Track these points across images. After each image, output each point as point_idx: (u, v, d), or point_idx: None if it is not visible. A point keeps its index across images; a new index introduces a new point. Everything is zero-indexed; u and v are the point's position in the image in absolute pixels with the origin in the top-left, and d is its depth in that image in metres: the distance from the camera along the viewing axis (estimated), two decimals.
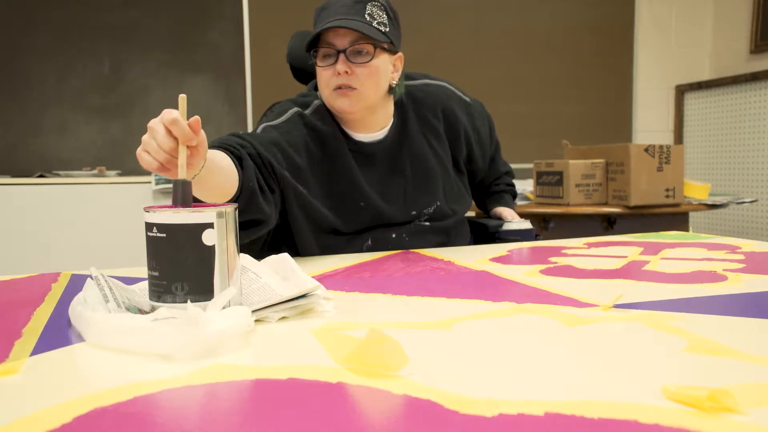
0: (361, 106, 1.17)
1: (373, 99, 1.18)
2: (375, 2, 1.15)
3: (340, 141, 1.21)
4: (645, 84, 3.82)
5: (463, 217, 1.39)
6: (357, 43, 1.12)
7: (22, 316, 0.71)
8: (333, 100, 1.17)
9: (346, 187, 1.21)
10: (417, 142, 1.28)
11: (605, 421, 0.40)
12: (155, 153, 0.73)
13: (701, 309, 0.70)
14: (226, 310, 0.61)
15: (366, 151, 1.23)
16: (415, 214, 1.28)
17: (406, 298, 0.78)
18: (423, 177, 1.28)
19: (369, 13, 1.13)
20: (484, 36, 3.53)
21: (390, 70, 1.20)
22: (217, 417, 0.41)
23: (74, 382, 0.49)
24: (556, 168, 2.37)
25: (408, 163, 1.27)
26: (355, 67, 1.13)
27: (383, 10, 1.16)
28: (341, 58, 1.13)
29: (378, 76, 1.16)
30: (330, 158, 1.20)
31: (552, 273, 0.94)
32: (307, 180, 1.17)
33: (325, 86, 1.17)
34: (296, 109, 1.21)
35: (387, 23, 1.16)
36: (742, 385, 0.46)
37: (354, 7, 1.13)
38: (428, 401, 0.43)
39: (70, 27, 3.01)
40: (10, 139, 2.96)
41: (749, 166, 3.52)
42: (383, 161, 1.25)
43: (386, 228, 1.26)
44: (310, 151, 1.18)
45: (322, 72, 1.16)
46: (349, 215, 1.22)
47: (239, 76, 3.24)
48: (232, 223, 0.67)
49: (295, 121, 1.19)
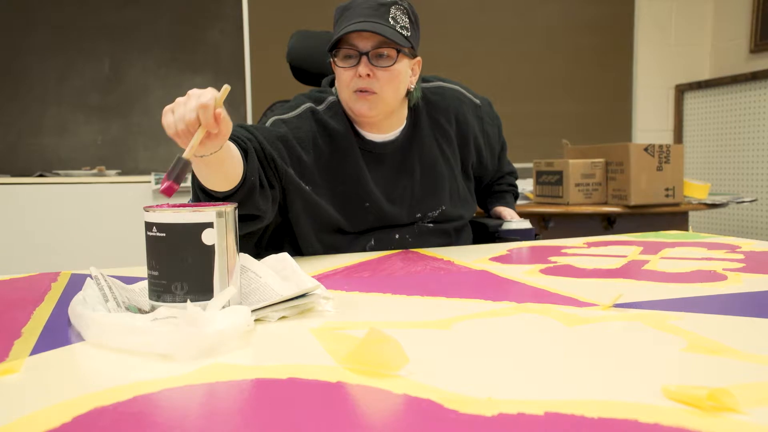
0: (379, 110, 1.16)
1: (391, 104, 1.18)
2: (399, 5, 1.14)
3: (351, 140, 1.20)
4: (645, 83, 3.82)
5: (467, 221, 1.39)
6: (380, 47, 1.12)
7: (21, 316, 0.71)
8: (352, 103, 1.16)
9: (352, 186, 1.20)
10: (428, 145, 1.27)
11: (605, 420, 0.40)
12: (177, 120, 0.77)
13: (701, 308, 0.70)
14: (225, 309, 0.61)
15: (377, 151, 1.23)
16: (419, 216, 1.28)
17: (406, 297, 0.78)
18: (431, 179, 1.28)
19: (393, 16, 1.13)
20: (483, 36, 3.53)
21: (409, 74, 1.20)
22: (217, 417, 0.41)
23: (74, 381, 0.49)
24: (556, 167, 2.37)
25: (417, 164, 1.26)
26: (377, 71, 1.13)
27: (406, 14, 1.15)
28: (363, 61, 1.12)
29: (398, 80, 1.16)
30: (338, 156, 1.20)
31: (552, 272, 0.94)
32: (312, 177, 1.16)
33: (345, 87, 1.16)
34: (309, 105, 1.21)
35: (409, 27, 1.15)
36: (742, 384, 0.46)
37: (378, 10, 1.12)
38: (428, 401, 0.43)
39: (70, 27, 3.01)
40: (10, 139, 2.96)
41: (749, 166, 3.52)
42: (393, 162, 1.25)
43: (390, 228, 1.26)
44: (318, 148, 1.18)
45: (343, 73, 1.15)
46: (353, 215, 1.22)
47: (239, 75, 3.24)
48: (231, 223, 0.67)
49: (306, 116, 1.19)
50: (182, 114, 0.76)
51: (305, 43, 1.51)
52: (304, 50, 1.50)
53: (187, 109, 0.76)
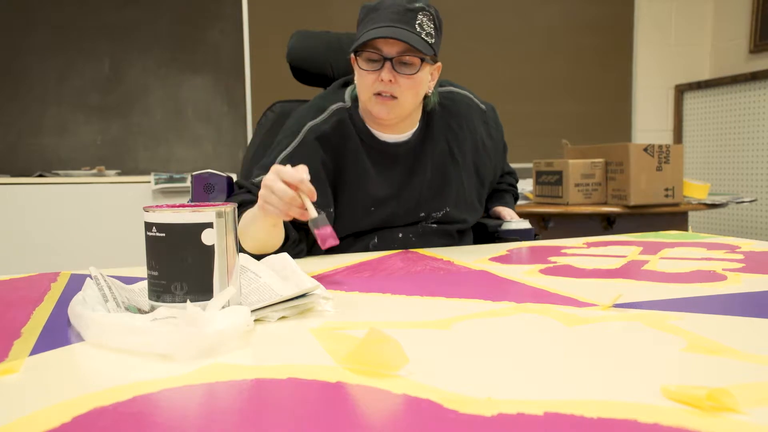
0: (397, 114, 1.18)
1: (409, 109, 1.20)
2: (426, 12, 1.14)
3: (356, 144, 1.22)
4: (644, 83, 3.82)
5: (470, 225, 1.39)
6: (405, 54, 1.12)
7: (21, 316, 0.71)
8: (371, 106, 1.18)
9: (357, 193, 1.22)
10: (439, 147, 1.29)
11: (605, 420, 0.40)
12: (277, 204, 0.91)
13: (701, 309, 0.70)
14: (225, 309, 0.61)
15: (389, 152, 1.24)
16: (423, 215, 1.29)
17: (405, 297, 0.78)
18: (438, 181, 1.29)
19: (419, 23, 1.13)
20: (483, 36, 3.53)
21: (428, 80, 1.21)
22: (217, 417, 0.41)
23: (73, 381, 0.49)
24: (556, 168, 2.37)
25: (428, 166, 1.28)
26: (400, 77, 1.13)
27: (432, 20, 1.15)
28: (387, 66, 1.12)
29: (419, 87, 1.17)
30: (344, 167, 1.21)
31: (551, 272, 0.94)
32: (321, 198, 1.18)
33: (366, 90, 1.17)
34: (309, 125, 1.21)
35: (433, 34, 1.15)
36: (742, 384, 0.46)
37: (406, 15, 1.12)
38: (428, 401, 0.43)
39: (70, 27, 3.01)
40: (10, 139, 2.96)
41: (748, 166, 3.53)
42: (405, 162, 1.26)
43: (394, 228, 1.27)
44: (326, 165, 1.20)
45: (365, 75, 1.16)
46: (358, 220, 1.23)
47: (239, 75, 3.24)
48: (231, 223, 0.67)
49: (308, 142, 1.20)
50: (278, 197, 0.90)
51: (305, 44, 1.51)
52: (305, 50, 1.50)
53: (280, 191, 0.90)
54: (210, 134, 3.23)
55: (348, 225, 1.23)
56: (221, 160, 3.23)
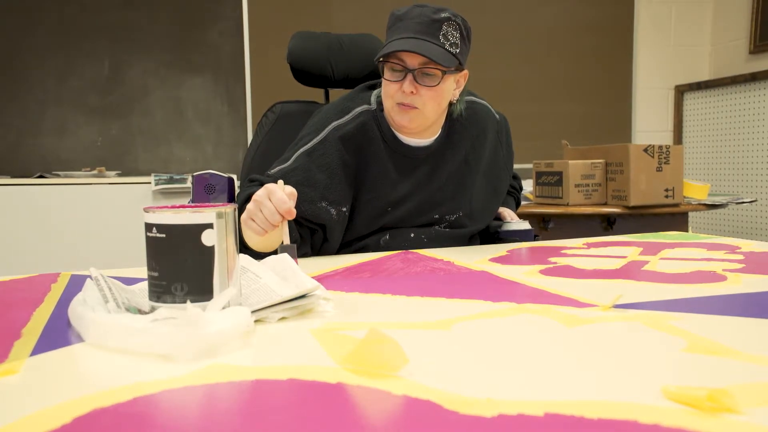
0: (418, 123, 1.20)
1: (432, 118, 1.21)
2: (452, 21, 1.15)
3: (379, 146, 1.23)
4: (644, 84, 3.82)
5: (477, 231, 1.40)
6: (427, 66, 1.13)
7: (21, 317, 0.71)
8: (394, 114, 1.20)
9: (377, 193, 1.24)
10: (458, 154, 1.30)
11: (605, 421, 0.40)
12: (262, 223, 0.94)
13: (701, 309, 0.70)
14: (225, 310, 0.61)
15: (411, 155, 1.26)
16: (437, 217, 1.30)
17: (405, 298, 0.78)
18: (455, 187, 1.30)
19: (444, 33, 1.14)
20: (484, 36, 3.53)
21: (453, 88, 1.22)
22: (217, 417, 0.41)
23: (74, 382, 0.49)
24: (556, 168, 2.37)
25: (446, 171, 1.29)
26: (421, 89, 1.15)
27: (458, 29, 1.15)
28: (409, 78, 1.14)
29: (441, 98, 1.18)
30: (366, 167, 1.23)
31: (552, 273, 0.94)
32: (336, 195, 1.19)
33: (389, 98, 1.19)
34: (333, 125, 1.23)
35: (459, 43, 1.16)
36: (742, 385, 0.46)
37: (431, 27, 1.13)
38: (428, 401, 0.43)
39: (70, 27, 3.01)
40: (10, 139, 2.96)
41: (748, 166, 3.53)
42: (425, 166, 1.27)
43: (407, 228, 1.29)
44: (346, 165, 1.21)
45: (389, 85, 1.18)
46: (374, 218, 1.25)
47: (239, 76, 3.24)
48: (231, 224, 0.67)
49: (330, 140, 1.21)
50: (265, 218, 0.93)
51: (306, 45, 1.51)
52: (305, 51, 1.50)
53: (268, 214, 0.92)
54: (210, 135, 3.23)
55: (364, 223, 1.24)
56: (221, 161, 3.23)
